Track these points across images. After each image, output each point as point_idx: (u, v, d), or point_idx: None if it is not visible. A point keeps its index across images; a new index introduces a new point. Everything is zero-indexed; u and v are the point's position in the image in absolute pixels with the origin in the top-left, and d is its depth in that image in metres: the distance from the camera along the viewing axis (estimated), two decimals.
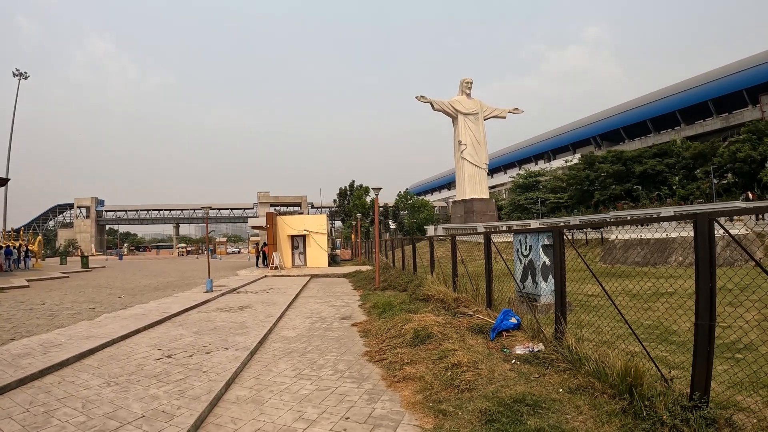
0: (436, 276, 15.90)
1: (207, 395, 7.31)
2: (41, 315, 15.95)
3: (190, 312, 16.42)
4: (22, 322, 14.46)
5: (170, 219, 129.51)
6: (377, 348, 10.04)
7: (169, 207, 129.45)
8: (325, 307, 16.89)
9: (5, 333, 12.78)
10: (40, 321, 14.67)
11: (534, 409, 5.61)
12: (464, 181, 60.60)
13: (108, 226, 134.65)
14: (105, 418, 6.58)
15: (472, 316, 11.15)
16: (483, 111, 61.62)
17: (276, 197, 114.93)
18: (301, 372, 8.77)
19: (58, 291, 24.53)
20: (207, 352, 10.37)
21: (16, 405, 7.26)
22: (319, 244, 39.49)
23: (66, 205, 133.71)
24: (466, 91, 62.05)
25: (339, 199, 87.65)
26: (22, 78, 67.52)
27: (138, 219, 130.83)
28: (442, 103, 60.54)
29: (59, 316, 15.69)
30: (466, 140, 59.94)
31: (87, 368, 9.32)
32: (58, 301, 19.77)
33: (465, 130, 60.05)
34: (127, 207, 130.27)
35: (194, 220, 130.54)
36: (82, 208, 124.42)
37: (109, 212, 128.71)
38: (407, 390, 7.18)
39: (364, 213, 69.84)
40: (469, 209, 58.91)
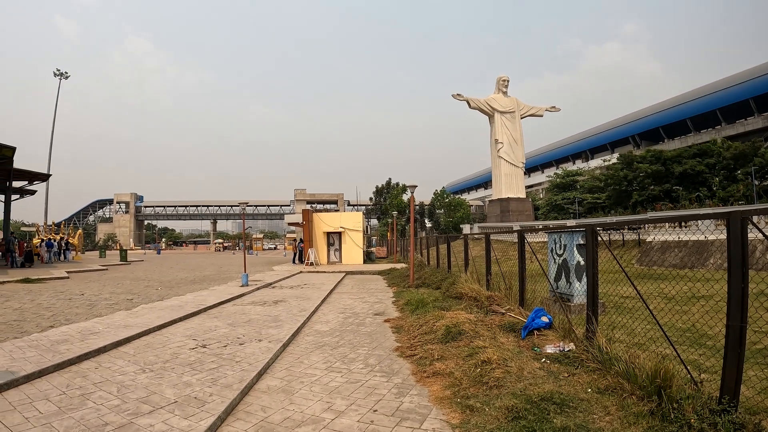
0: (470, 274, 15.86)
1: (239, 384, 7.44)
2: (80, 305, 16.40)
3: (226, 305, 16.65)
4: (61, 311, 14.89)
5: (208, 215, 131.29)
6: (408, 344, 10.07)
7: (206, 203, 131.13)
8: (358, 303, 16.97)
9: (45, 321, 13.19)
10: (79, 310, 15.09)
11: (561, 408, 5.57)
12: (500, 180, 60.11)
13: (146, 221, 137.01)
14: (139, 402, 6.75)
15: (504, 314, 11.12)
16: (520, 109, 60.96)
17: (312, 195, 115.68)
18: (332, 365, 8.85)
19: (96, 282, 25.18)
20: (240, 343, 10.54)
21: (53, 388, 7.49)
22: (355, 241, 39.65)
23: (106, 200, 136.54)
24: (503, 89, 61.48)
25: (375, 197, 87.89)
26: (62, 78, 69.28)
27: (176, 215, 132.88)
28: (478, 101, 60.06)
29: (97, 306, 16.12)
30: (503, 139, 59.43)
31: (123, 355, 9.57)
32: (96, 292, 20.30)
33: (501, 128, 59.53)
34: (165, 203, 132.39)
35: (231, 216, 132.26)
36: (122, 203, 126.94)
37: (147, 208, 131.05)
38: (436, 385, 7.20)
39: (401, 211, 69.87)
40: (505, 208, 58.41)
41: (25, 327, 12.25)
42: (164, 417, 6.17)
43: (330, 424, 5.97)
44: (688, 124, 76.06)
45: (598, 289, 7.87)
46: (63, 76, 69.30)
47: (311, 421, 6.11)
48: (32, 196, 45.83)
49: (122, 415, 6.26)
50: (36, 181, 42.55)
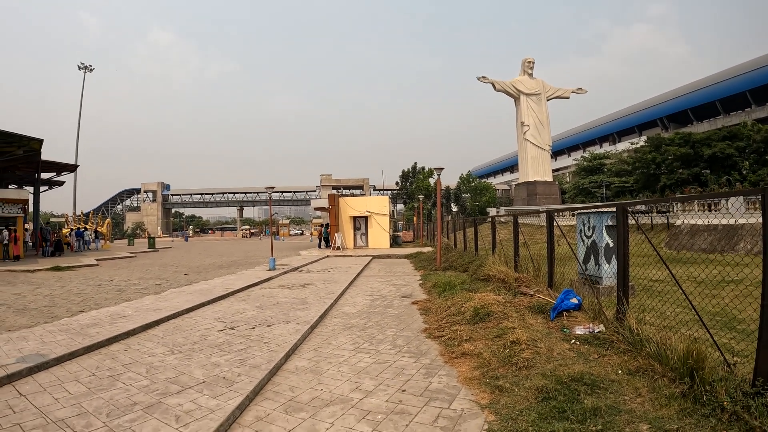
0: (497, 256, 15.70)
1: (267, 364, 7.45)
2: (110, 290, 16.63)
3: (253, 288, 16.75)
4: (91, 297, 15.12)
5: (234, 202, 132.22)
6: (436, 325, 10.02)
7: (233, 190, 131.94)
8: (385, 286, 16.94)
9: (75, 306, 13.38)
10: (109, 295, 15.29)
11: (591, 389, 5.46)
12: (527, 163, 59.43)
13: (174, 209, 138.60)
14: (167, 382, 6.79)
15: (533, 295, 10.98)
16: (546, 91, 60.02)
17: (338, 180, 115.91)
18: (360, 346, 8.84)
19: (125, 269, 25.54)
20: (268, 325, 10.58)
21: (83, 369, 7.58)
22: (381, 225, 39.56)
23: (133, 190, 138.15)
24: (528, 71, 60.58)
25: (401, 181, 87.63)
26: (87, 71, 70.05)
27: (203, 202, 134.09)
28: (503, 83, 59.28)
29: (126, 291, 16.33)
30: (529, 121, 58.66)
31: (152, 338, 9.66)
32: (125, 278, 20.59)
33: (527, 110, 58.74)
34: (192, 191, 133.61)
35: (257, 203, 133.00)
36: (149, 192, 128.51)
37: (174, 196, 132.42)
38: (465, 366, 7.14)
39: (427, 195, 69.58)
40: (531, 192, 57.79)
41: (56, 312, 12.45)
42: (192, 396, 6.20)
43: (358, 404, 5.95)
44: (717, 106, 73.86)
45: (629, 269, 7.70)
46: (87, 69, 70.07)
47: (339, 400, 6.09)
48: (61, 187, 46.70)
49: (151, 395, 6.30)
50: (64, 172, 43.41)
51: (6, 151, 32.53)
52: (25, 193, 34.69)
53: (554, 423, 4.80)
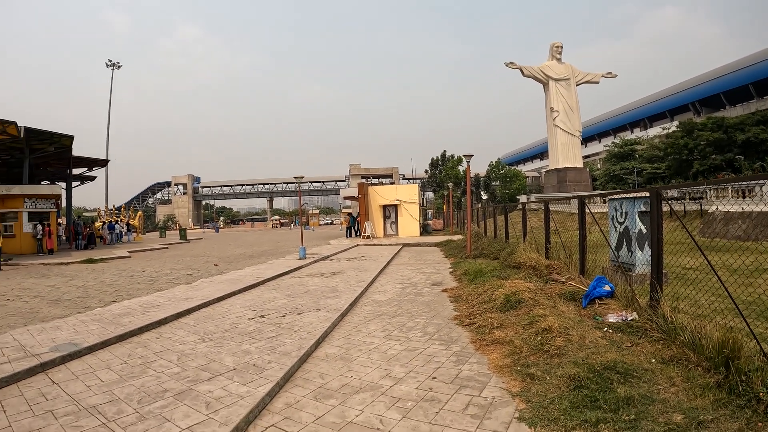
0: (528, 244, 15.56)
1: (297, 352, 7.46)
2: (142, 281, 16.87)
3: (284, 277, 16.85)
4: (123, 287, 15.36)
5: (264, 193, 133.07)
6: (467, 312, 9.93)
7: (262, 181, 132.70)
8: (416, 274, 16.86)
9: (108, 296, 13.60)
10: (141, 286, 15.51)
11: (624, 378, 5.34)
12: (557, 149, 58.54)
13: (204, 201, 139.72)
14: (198, 369, 6.85)
15: (564, 282, 10.83)
16: (575, 76, 58.90)
17: (367, 169, 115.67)
18: (390, 333, 8.79)
19: (157, 260, 25.91)
20: (299, 312, 10.62)
21: (115, 357, 7.69)
22: (411, 213, 39.43)
23: (164, 183, 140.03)
24: (557, 56, 59.52)
25: (431, 169, 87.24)
26: (115, 68, 71.21)
27: (233, 194, 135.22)
28: (531, 68, 58.35)
29: (158, 281, 16.55)
30: (558, 107, 57.70)
31: (183, 326, 9.77)
32: (157, 269, 20.88)
33: (557, 96, 57.79)
34: (221, 183, 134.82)
35: (287, 194, 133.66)
36: (179, 185, 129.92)
37: (205, 188, 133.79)
38: (495, 353, 7.06)
39: (456, 183, 69.17)
40: (562, 178, 56.94)
41: (89, 303, 12.66)
42: (223, 383, 6.23)
43: (388, 391, 5.92)
44: (750, 89, 71.74)
45: (663, 256, 7.52)
46: (115, 67, 71.32)
47: (369, 387, 6.07)
48: (92, 181, 47.50)
49: (182, 382, 6.36)
50: (95, 167, 44.22)
51: (38, 148, 33.37)
52: (57, 189, 35.32)
53: (586, 412, 4.72)
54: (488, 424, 4.88)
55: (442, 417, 5.10)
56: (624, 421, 4.47)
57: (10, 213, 30.57)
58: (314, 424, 5.12)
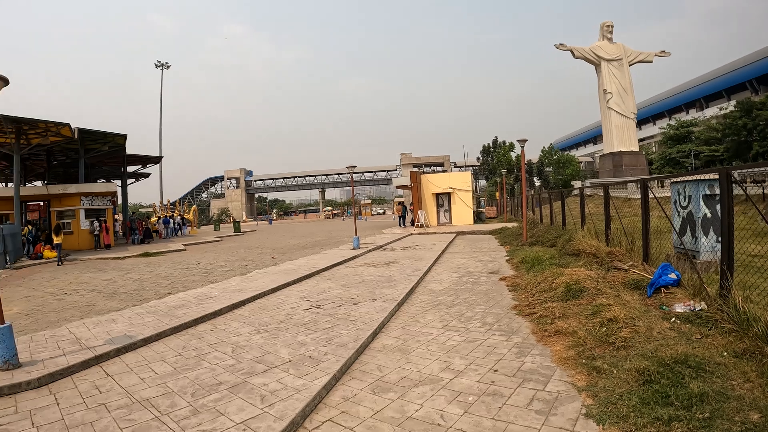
0: (587, 230, 15.12)
1: (354, 343, 7.33)
2: (197, 273, 17.08)
3: (338, 267, 16.80)
4: (178, 279, 15.56)
5: (316, 184, 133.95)
6: (527, 302, 9.68)
7: (313, 173, 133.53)
8: (471, 262, 16.57)
9: (163, 288, 13.79)
10: (196, 278, 15.68)
11: (696, 372, 5.01)
12: (611, 132, 56.83)
13: (257, 194, 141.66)
14: (253, 362, 6.76)
15: (627, 270, 10.38)
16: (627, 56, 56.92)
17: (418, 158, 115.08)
18: (448, 324, 8.58)
19: (212, 252, 26.28)
20: (354, 303, 10.49)
21: (170, 350, 7.70)
22: (464, 201, 39.00)
23: (217, 177, 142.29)
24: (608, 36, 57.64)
25: (482, 156, 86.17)
26: (164, 68, 73.31)
27: (285, 186, 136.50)
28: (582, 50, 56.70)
29: (213, 273, 16.71)
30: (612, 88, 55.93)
31: (238, 317, 9.76)
32: (212, 261, 21.14)
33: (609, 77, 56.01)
34: (273, 175, 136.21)
35: (339, 184, 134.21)
36: (232, 179, 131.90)
37: (257, 181, 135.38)
38: (558, 345, 6.80)
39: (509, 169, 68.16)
40: (617, 163, 55.27)
41: (144, 295, 12.85)
42: (278, 376, 6.12)
43: (449, 384, 5.72)
44: None
45: (734, 242, 7.05)
46: (164, 67, 73.63)
47: (429, 380, 5.88)
48: (147, 178, 48.71)
49: (236, 374, 6.28)
50: (149, 164, 45.62)
51: (92, 148, 34.60)
52: (113, 186, 36.35)
53: (657, 409, 4.44)
54: (554, 420, 4.65)
55: (505, 412, 4.89)
56: (698, 419, 4.20)
57: (67, 211, 31.62)
58: (372, 419, 4.97)
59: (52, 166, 39.27)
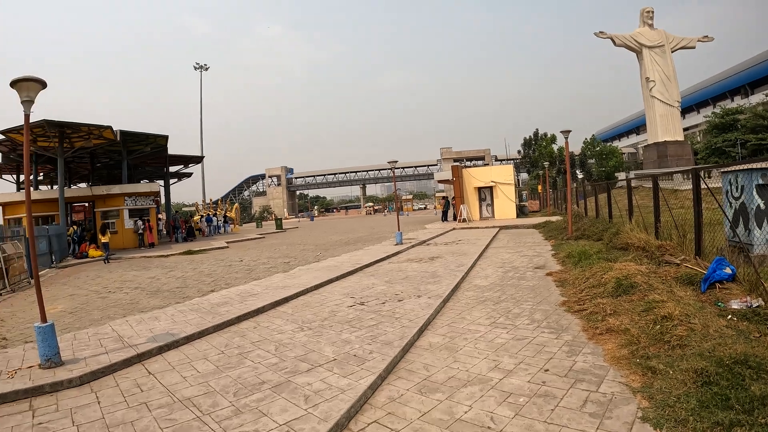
0: (635, 223, 14.70)
1: (399, 341, 7.16)
2: (239, 270, 17.13)
3: (381, 263, 16.68)
4: (221, 276, 15.62)
5: (356, 180, 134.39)
6: (575, 298, 9.38)
7: (354, 169, 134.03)
8: (516, 257, 16.29)
9: (206, 286, 13.83)
10: (238, 275, 15.73)
11: (757, 374, 4.70)
12: (655, 122, 55.37)
13: (298, 191, 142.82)
14: (297, 360, 6.66)
15: (679, 265, 10.01)
16: (669, 42, 55.34)
17: (459, 152, 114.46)
18: (495, 321, 8.35)
19: (254, 249, 26.43)
20: (399, 299, 10.33)
21: (212, 347, 7.66)
22: (507, 195, 38.46)
23: (258, 175, 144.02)
24: (648, 22, 56.12)
25: (524, 149, 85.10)
26: (202, 70, 74.83)
27: (326, 183, 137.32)
28: (623, 37, 55.41)
29: (256, 270, 16.74)
30: (654, 76, 54.48)
31: (281, 315, 9.70)
32: (254, 258, 21.23)
33: (652, 65, 54.56)
34: (314, 172, 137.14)
35: (380, 180, 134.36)
36: (273, 177, 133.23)
37: (298, 179, 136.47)
38: (610, 343, 6.53)
39: (551, 162, 67.16)
40: (662, 153, 53.81)
41: (187, 293, 12.91)
42: (323, 375, 6.00)
43: (498, 385, 5.51)
44: None
45: None
46: (203, 68, 75.36)
47: (478, 380, 5.67)
48: (189, 178, 49.49)
49: (279, 373, 6.18)
50: (191, 164, 46.40)
51: (135, 149, 35.38)
52: (155, 186, 37.18)
53: (717, 412, 4.17)
54: (609, 424, 4.42)
55: (558, 415, 4.67)
56: (761, 424, 3.93)
57: (112, 211, 32.48)
58: (420, 420, 4.79)
59: (96, 168, 40.39)
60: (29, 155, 8.15)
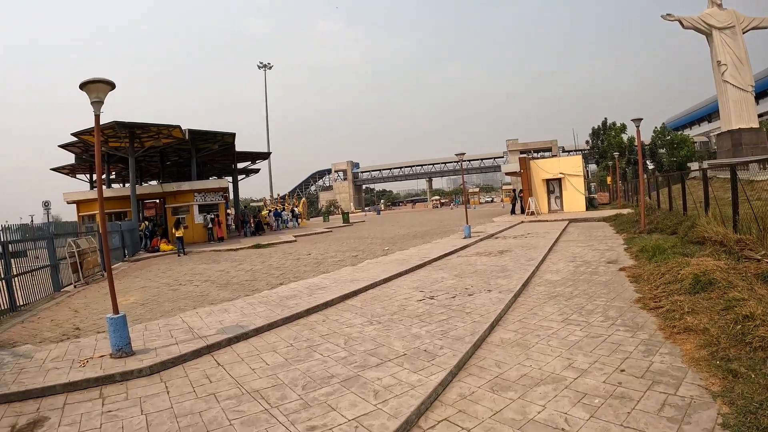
0: (711, 216, 14.05)
1: (470, 336, 7.01)
2: (307, 263, 17.29)
3: (450, 256, 16.51)
4: (289, 270, 15.79)
5: (422, 174, 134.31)
6: (651, 294, 9.00)
7: (420, 162, 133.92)
8: (587, 251, 15.85)
9: (274, 279, 13.99)
10: (307, 268, 15.86)
11: None
12: (728, 108, 52.70)
13: (364, 185, 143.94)
14: (366, 354, 6.61)
15: (760, 261, 9.47)
16: (740, 22, 52.53)
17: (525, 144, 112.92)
18: (568, 317, 8.10)
19: (322, 243, 26.68)
20: (469, 294, 10.17)
21: (281, 340, 7.70)
22: (576, 187, 37.57)
23: (324, 170, 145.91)
24: (717, 2, 53.56)
25: (592, 139, 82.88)
26: (266, 69, 76.13)
27: (391, 177, 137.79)
28: (691, 19, 52.93)
29: (324, 263, 16.86)
30: (726, 59, 51.83)
31: (350, 308, 9.69)
32: (322, 251, 21.41)
33: (722, 47, 51.90)
34: (380, 166, 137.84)
35: (446, 173, 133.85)
36: (339, 171, 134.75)
37: (364, 173, 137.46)
38: (689, 343, 6.19)
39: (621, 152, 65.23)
40: (736, 141, 51.18)
41: (256, 285, 13.10)
42: (392, 370, 5.92)
43: (572, 384, 5.31)
44: None
45: None
46: (267, 67, 76.69)
47: (551, 379, 5.49)
48: (257, 174, 50.56)
49: (349, 367, 6.14)
50: (258, 160, 47.64)
51: (203, 147, 36.67)
52: (224, 182, 38.47)
53: None
54: (688, 430, 4.17)
55: (634, 418, 4.44)
56: None
57: (182, 207, 33.80)
58: (491, 419, 4.65)
59: (165, 166, 42.09)
60: (101, 155, 8.38)
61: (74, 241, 16.13)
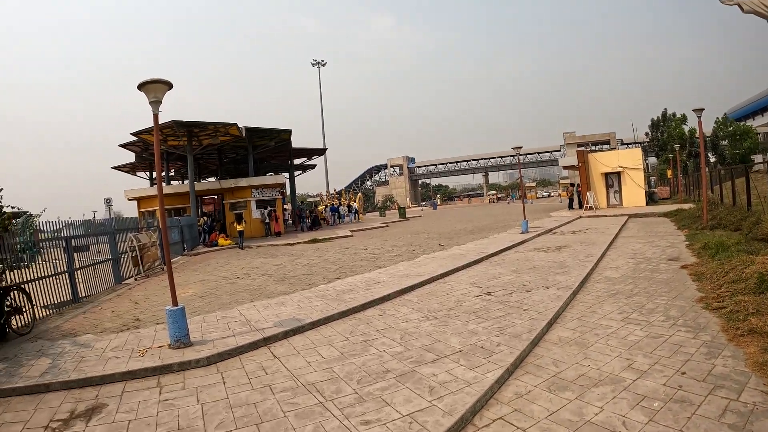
0: None
1: (528, 334, 6.94)
2: (364, 258, 17.37)
3: (507, 252, 16.37)
4: (346, 264, 15.90)
5: (478, 168, 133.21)
6: (713, 294, 8.69)
7: (476, 157, 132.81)
8: (648, 248, 15.46)
9: (331, 273, 14.10)
10: (363, 263, 15.93)
11: None
12: None
13: (420, 180, 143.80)
14: (422, 350, 6.59)
15: None
16: None
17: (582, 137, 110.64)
18: (628, 316, 7.92)
19: (378, 238, 26.75)
20: (527, 290, 10.07)
21: (337, 334, 7.77)
22: (635, 181, 36.53)
23: (380, 166, 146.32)
24: None
25: (651, 131, 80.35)
26: (320, 66, 77.18)
27: (448, 171, 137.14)
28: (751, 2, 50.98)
29: (380, 258, 16.92)
30: None
31: (406, 303, 9.70)
32: (379, 246, 21.49)
33: None
34: (436, 161, 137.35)
35: (502, 168, 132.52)
36: (395, 166, 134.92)
37: (420, 168, 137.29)
38: (753, 346, 5.95)
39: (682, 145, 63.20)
40: None
41: (313, 279, 13.23)
42: (448, 367, 5.89)
43: (631, 386, 5.19)
44: None
45: None
46: (320, 65, 77.79)
47: (610, 380, 5.38)
48: (313, 169, 51.13)
49: (404, 362, 6.14)
50: (314, 156, 48.62)
51: (259, 144, 37.38)
52: (281, 178, 39.09)
53: None
54: None
55: (694, 424, 4.30)
56: None
57: (240, 202, 34.51)
58: (547, 420, 4.59)
59: (223, 163, 43.04)
60: (160, 153, 8.60)
61: (135, 235, 16.64)
